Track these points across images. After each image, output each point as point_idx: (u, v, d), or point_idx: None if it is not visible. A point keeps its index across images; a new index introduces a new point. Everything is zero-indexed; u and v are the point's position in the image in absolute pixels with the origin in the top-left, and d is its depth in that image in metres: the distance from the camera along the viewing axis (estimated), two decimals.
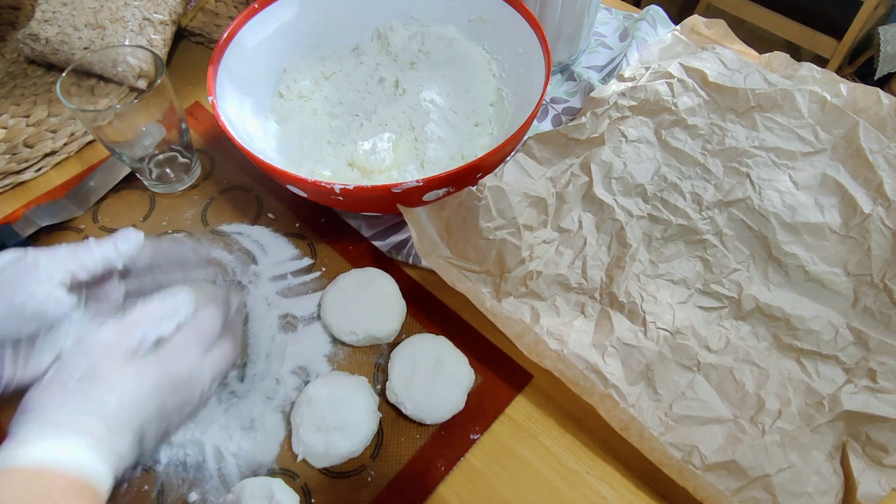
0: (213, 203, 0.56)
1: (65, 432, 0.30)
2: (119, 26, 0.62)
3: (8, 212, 0.56)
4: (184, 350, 0.36)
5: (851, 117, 0.52)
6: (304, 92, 0.59)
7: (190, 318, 0.37)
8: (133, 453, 0.33)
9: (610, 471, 0.42)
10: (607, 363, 0.44)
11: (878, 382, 0.42)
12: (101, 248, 0.38)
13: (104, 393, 0.32)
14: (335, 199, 0.46)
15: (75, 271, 0.37)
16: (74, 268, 0.37)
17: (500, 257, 0.48)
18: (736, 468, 0.39)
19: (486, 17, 0.59)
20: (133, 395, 0.33)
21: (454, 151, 0.54)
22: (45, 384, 0.32)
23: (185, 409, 0.36)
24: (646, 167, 0.53)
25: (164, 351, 0.35)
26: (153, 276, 0.42)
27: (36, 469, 0.29)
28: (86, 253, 0.37)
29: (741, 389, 0.43)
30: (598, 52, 0.67)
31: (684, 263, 0.49)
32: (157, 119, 0.51)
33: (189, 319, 0.36)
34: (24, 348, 0.36)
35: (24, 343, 0.36)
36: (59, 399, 0.31)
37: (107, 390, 0.32)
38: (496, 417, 0.44)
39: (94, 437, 0.31)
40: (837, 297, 0.46)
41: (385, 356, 0.46)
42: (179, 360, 0.35)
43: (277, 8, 0.57)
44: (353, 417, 0.41)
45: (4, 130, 0.59)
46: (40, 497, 0.28)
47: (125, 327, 0.34)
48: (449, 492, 0.41)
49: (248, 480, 0.39)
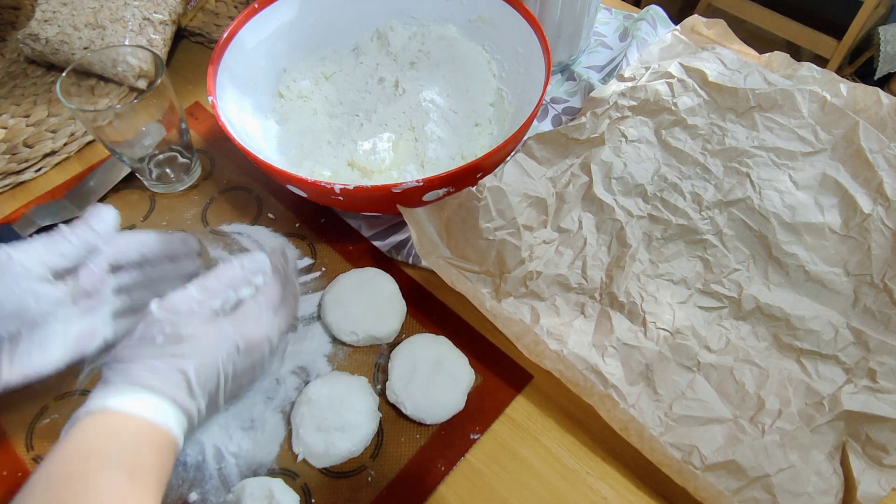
0: (213, 203, 0.56)
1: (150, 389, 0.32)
2: (119, 26, 0.62)
3: (8, 212, 0.56)
4: (258, 314, 0.37)
5: (851, 117, 0.52)
6: (304, 92, 0.59)
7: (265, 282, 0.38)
8: (208, 409, 0.35)
9: (610, 471, 0.42)
10: (607, 363, 0.44)
11: (878, 382, 0.42)
12: (76, 232, 0.38)
13: (187, 354, 0.34)
14: (335, 199, 0.46)
15: (54, 262, 0.36)
16: (52, 259, 0.36)
17: (500, 257, 0.48)
18: (736, 468, 0.39)
19: (486, 17, 0.59)
20: (212, 357, 0.34)
21: (454, 151, 0.54)
22: (135, 338, 0.34)
23: (257, 370, 0.38)
24: (646, 167, 0.53)
25: (242, 314, 0.37)
26: (143, 271, 0.41)
27: (126, 413, 0.31)
28: (62, 241, 0.37)
29: (741, 389, 0.43)
30: (598, 52, 0.67)
31: (684, 263, 0.49)
32: (157, 119, 0.51)
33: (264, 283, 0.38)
34: (8, 349, 0.35)
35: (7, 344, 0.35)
36: (148, 356, 0.33)
37: (190, 352, 0.34)
38: (496, 417, 0.44)
39: (176, 396, 0.33)
40: (837, 297, 0.46)
41: (385, 356, 0.46)
42: (255, 323, 0.37)
43: (277, 8, 0.57)
44: (353, 417, 0.41)
45: (4, 130, 0.59)
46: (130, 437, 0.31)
47: (208, 290, 0.36)
48: (449, 492, 0.41)
49: (248, 480, 0.39)
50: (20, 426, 0.44)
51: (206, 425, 0.42)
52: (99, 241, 0.38)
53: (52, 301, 0.36)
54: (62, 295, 0.37)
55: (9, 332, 0.35)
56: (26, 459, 0.42)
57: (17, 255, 0.35)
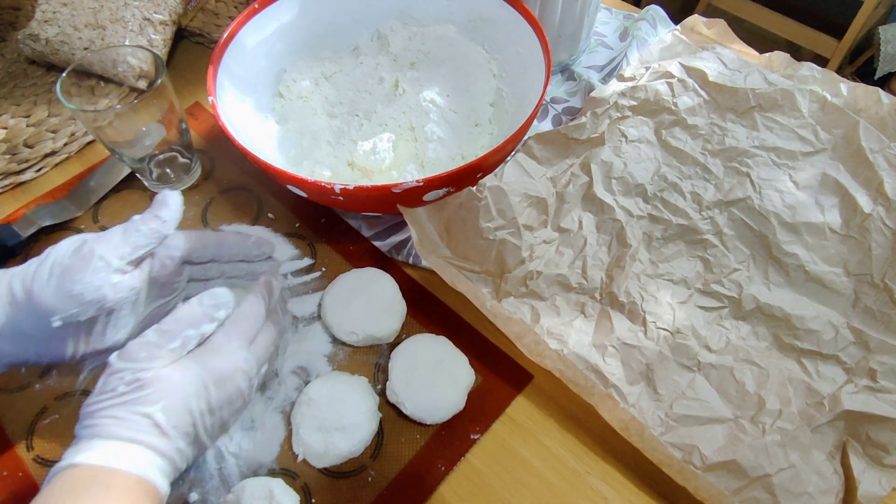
0: (213, 203, 0.56)
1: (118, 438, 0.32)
2: (119, 26, 0.62)
3: (8, 212, 0.56)
4: (226, 345, 0.37)
5: (852, 117, 0.52)
6: (303, 92, 0.59)
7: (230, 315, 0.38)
8: (191, 448, 0.35)
9: (610, 471, 0.42)
10: (607, 363, 0.44)
11: (879, 382, 0.42)
12: (147, 223, 0.39)
13: (151, 398, 0.33)
14: (335, 199, 0.46)
15: (128, 254, 0.38)
16: (127, 251, 0.38)
17: (500, 257, 0.48)
18: (736, 468, 0.39)
19: (486, 17, 0.59)
20: (179, 397, 0.34)
21: (454, 151, 0.54)
22: (98, 393, 0.34)
23: (237, 402, 0.37)
24: (646, 167, 0.53)
25: (206, 349, 0.37)
26: (219, 265, 0.44)
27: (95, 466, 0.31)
28: (135, 233, 0.38)
29: (741, 389, 0.43)
30: (598, 52, 0.67)
31: (684, 263, 0.49)
32: (157, 119, 0.51)
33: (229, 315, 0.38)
34: (85, 329, 0.38)
35: (85, 325, 0.38)
36: (111, 406, 0.33)
37: (154, 395, 0.33)
38: (496, 417, 0.44)
39: (146, 440, 0.32)
40: (838, 296, 0.46)
41: (385, 356, 0.46)
42: (222, 355, 0.37)
43: (277, 8, 0.57)
44: (354, 417, 0.41)
45: (5, 130, 0.59)
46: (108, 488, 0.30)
47: (164, 333, 0.36)
48: (449, 492, 0.41)
49: (249, 480, 0.39)
50: (20, 426, 0.44)
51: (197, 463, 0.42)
52: (168, 229, 0.40)
53: (128, 290, 0.38)
54: (138, 283, 0.39)
55: (87, 317, 0.37)
56: (26, 459, 0.42)
57: (98, 249, 0.37)
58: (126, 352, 0.35)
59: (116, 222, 0.54)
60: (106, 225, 0.55)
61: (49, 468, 0.41)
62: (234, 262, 0.45)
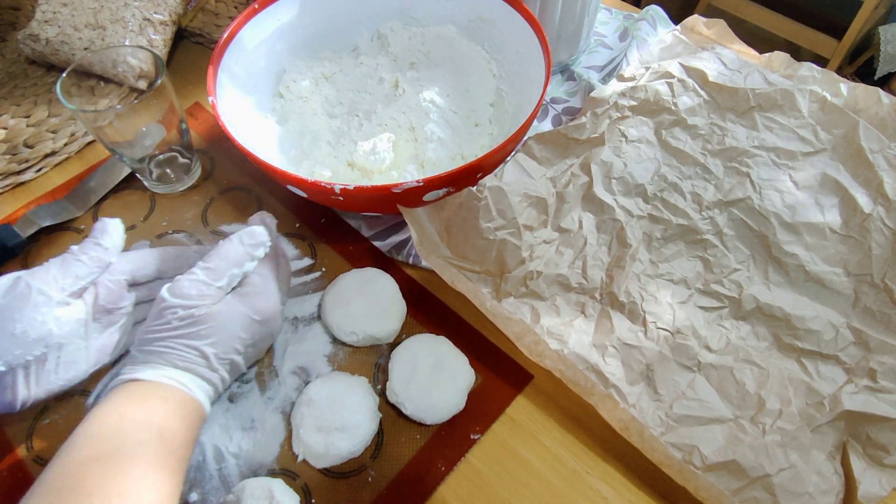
0: (213, 203, 0.56)
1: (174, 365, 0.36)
2: (119, 27, 0.62)
3: (8, 212, 0.56)
4: (265, 286, 0.40)
5: (851, 117, 0.52)
6: (303, 92, 0.59)
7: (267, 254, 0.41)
8: (231, 375, 0.39)
9: (610, 471, 0.42)
10: (607, 363, 0.44)
11: (879, 382, 0.42)
12: (86, 252, 0.39)
13: (203, 334, 0.36)
14: (335, 199, 0.46)
15: (70, 286, 0.37)
16: (68, 283, 0.37)
17: (500, 257, 0.48)
18: (736, 468, 0.39)
19: (486, 17, 0.59)
20: (228, 333, 0.37)
21: (454, 152, 0.54)
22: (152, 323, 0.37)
23: (274, 336, 0.42)
24: (646, 167, 0.53)
25: (251, 290, 0.39)
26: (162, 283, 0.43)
27: (154, 382, 0.35)
28: (75, 263, 0.38)
29: (741, 389, 0.43)
30: (598, 52, 0.68)
31: (684, 263, 0.49)
32: (157, 119, 0.51)
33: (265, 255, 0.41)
34: (35, 370, 0.37)
35: (34, 364, 0.37)
36: (167, 338, 0.36)
37: (205, 332, 0.37)
38: (496, 417, 0.44)
39: (197, 370, 0.36)
40: (838, 296, 0.46)
41: (385, 356, 0.46)
42: (265, 296, 0.40)
43: (277, 8, 0.57)
44: (354, 418, 0.41)
45: (5, 131, 0.59)
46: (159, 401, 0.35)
47: (213, 271, 0.38)
48: (449, 492, 0.41)
49: (249, 481, 0.39)
50: (20, 426, 0.44)
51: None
52: (110, 257, 0.40)
53: (73, 322, 0.38)
54: (83, 315, 0.38)
55: (35, 356, 0.36)
56: (26, 459, 0.42)
57: (35, 284, 0.36)
58: (177, 288, 0.37)
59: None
60: None
61: None
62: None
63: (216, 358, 0.37)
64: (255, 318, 0.39)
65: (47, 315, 0.36)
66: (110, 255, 0.39)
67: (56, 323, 0.36)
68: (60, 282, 0.37)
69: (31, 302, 0.36)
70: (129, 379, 0.35)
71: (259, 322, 0.39)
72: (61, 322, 0.37)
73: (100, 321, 0.39)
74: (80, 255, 0.38)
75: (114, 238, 0.40)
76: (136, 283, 0.42)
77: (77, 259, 0.38)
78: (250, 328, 0.38)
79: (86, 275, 0.38)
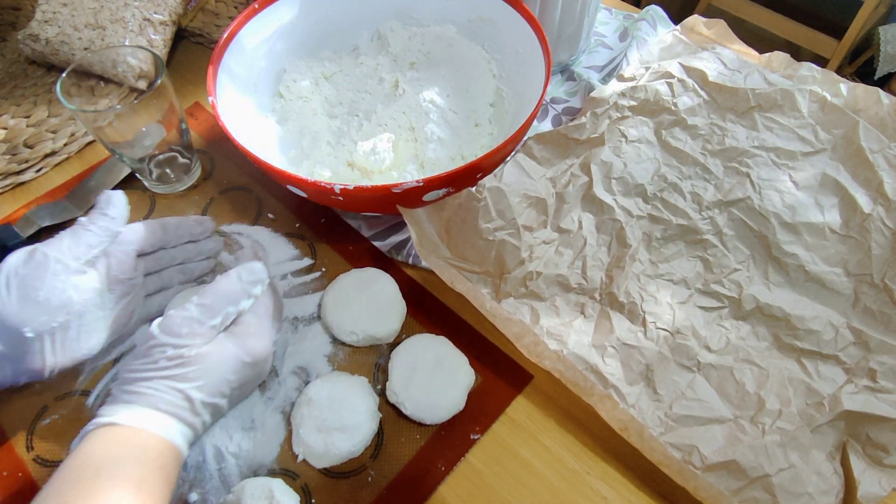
0: (213, 203, 0.56)
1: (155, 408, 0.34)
2: (119, 27, 0.62)
3: (8, 212, 0.56)
4: (259, 327, 0.39)
5: (851, 117, 0.52)
6: (303, 92, 0.59)
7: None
8: (211, 420, 0.37)
9: (610, 471, 0.42)
10: (607, 363, 0.44)
11: (879, 382, 0.42)
12: (95, 222, 0.39)
13: (190, 376, 0.35)
14: (335, 199, 0.46)
15: (83, 253, 0.38)
16: (81, 251, 0.38)
17: (500, 258, 0.48)
18: (736, 468, 0.39)
19: (486, 17, 0.59)
20: (216, 377, 0.36)
21: (454, 152, 0.54)
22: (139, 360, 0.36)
23: (263, 377, 0.40)
24: (646, 167, 0.53)
25: (244, 330, 0.38)
26: (167, 252, 0.45)
27: (133, 427, 0.33)
28: (85, 233, 0.39)
29: (741, 389, 0.43)
30: (598, 52, 0.67)
31: (684, 263, 0.49)
32: (157, 119, 0.51)
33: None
34: (60, 337, 0.38)
35: (59, 332, 0.37)
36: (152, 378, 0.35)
37: (193, 374, 0.35)
38: (496, 417, 0.44)
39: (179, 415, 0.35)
40: (838, 297, 0.46)
41: (385, 356, 0.46)
42: (258, 338, 0.38)
43: (277, 8, 0.57)
44: (354, 418, 0.41)
45: (5, 131, 0.59)
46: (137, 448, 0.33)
47: (207, 308, 0.37)
48: (449, 492, 0.41)
49: (249, 480, 0.39)
50: (20, 426, 0.44)
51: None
52: (118, 226, 0.40)
53: (91, 290, 0.38)
54: (99, 284, 0.39)
55: (59, 322, 0.37)
56: (26, 459, 0.42)
57: (52, 253, 0.37)
58: (168, 325, 0.36)
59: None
60: None
61: (49, 468, 0.42)
62: (181, 244, 0.46)
63: (201, 403, 0.35)
64: (245, 360, 0.37)
65: (66, 283, 0.37)
66: (118, 224, 0.40)
67: (75, 290, 0.37)
68: (74, 250, 0.38)
69: (50, 270, 0.36)
70: (106, 422, 0.33)
71: (249, 364, 0.37)
72: (80, 289, 0.37)
73: (114, 291, 0.40)
74: (89, 225, 0.39)
75: (119, 208, 0.40)
76: (142, 253, 0.43)
77: (87, 229, 0.39)
78: (240, 371, 0.37)
79: (97, 243, 0.39)
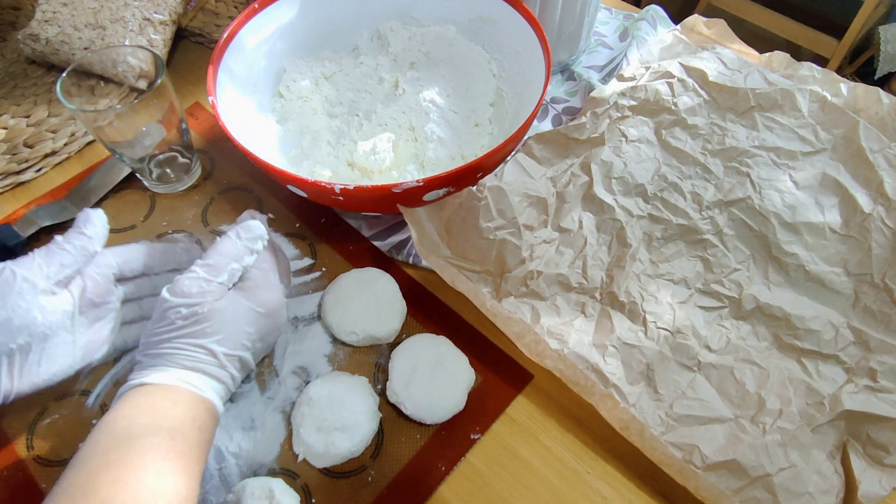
0: (213, 203, 0.56)
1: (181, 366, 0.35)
2: (119, 26, 0.62)
3: (9, 212, 0.56)
4: (267, 280, 0.40)
5: (852, 117, 0.52)
6: (303, 92, 0.59)
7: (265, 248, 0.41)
8: (241, 372, 0.38)
9: (610, 470, 0.42)
10: (608, 363, 0.44)
11: (879, 382, 0.42)
12: (70, 241, 0.38)
13: (209, 331, 0.36)
14: (335, 199, 0.46)
15: (55, 274, 0.37)
16: (53, 270, 0.37)
17: (501, 257, 0.48)
18: (737, 468, 0.39)
19: (486, 17, 0.59)
20: (235, 329, 0.37)
21: (454, 151, 0.54)
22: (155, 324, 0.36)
23: (281, 328, 0.41)
24: (646, 167, 0.53)
25: (252, 284, 0.39)
26: (150, 279, 0.43)
27: (163, 385, 0.34)
28: (59, 252, 0.38)
29: (742, 389, 0.43)
30: (598, 52, 0.68)
31: (684, 263, 0.49)
32: (157, 119, 0.51)
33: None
34: (19, 360, 0.36)
35: (18, 355, 0.36)
36: (172, 338, 0.36)
37: (211, 329, 0.36)
38: (496, 417, 0.44)
39: (208, 371, 0.36)
40: (838, 296, 0.46)
41: (385, 356, 0.46)
42: (267, 289, 0.40)
43: (277, 8, 0.57)
44: (354, 417, 0.41)
45: (5, 130, 0.59)
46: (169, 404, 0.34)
47: (212, 268, 0.37)
48: (449, 492, 0.41)
49: (249, 480, 0.39)
50: (20, 426, 0.44)
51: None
52: (95, 246, 0.39)
53: (59, 312, 0.37)
54: (69, 306, 0.38)
55: (18, 344, 0.36)
56: (27, 459, 0.42)
57: (20, 271, 0.36)
58: (177, 287, 0.36)
59: (117, 222, 0.55)
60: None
61: (49, 468, 0.42)
62: (165, 272, 0.44)
63: (224, 355, 0.36)
64: (259, 311, 0.38)
65: (32, 303, 0.36)
66: (94, 245, 0.39)
67: (41, 311, 0.36)
68: (45, 270, 0.37)
69: (16, 289, 0.35)
70: (137, 384, 0.34)
71: (264, 315, 0.39)
72: (46, 311, 0.36)
73: (87, 315, 0.39)
74: (64, 243, 0.38)
75: (97, 227, 0.39)
76: (123, 278, 0.41)
77: (61, 248, 0.38)
78: (256, 322, 0.38)
79: (70, 263, 0.38)
